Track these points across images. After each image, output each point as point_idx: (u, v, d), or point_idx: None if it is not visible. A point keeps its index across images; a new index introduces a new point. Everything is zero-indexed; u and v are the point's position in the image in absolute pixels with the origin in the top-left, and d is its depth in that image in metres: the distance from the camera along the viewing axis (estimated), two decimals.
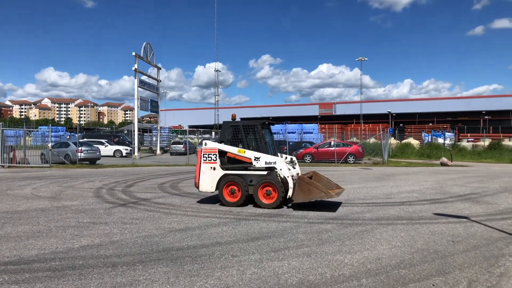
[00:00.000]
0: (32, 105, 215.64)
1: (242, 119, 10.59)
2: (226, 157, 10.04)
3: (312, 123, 44.19)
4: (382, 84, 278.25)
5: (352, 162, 26.40)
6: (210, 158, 9.96)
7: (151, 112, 40.24)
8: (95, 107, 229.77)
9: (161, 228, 7.60)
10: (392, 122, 61.74)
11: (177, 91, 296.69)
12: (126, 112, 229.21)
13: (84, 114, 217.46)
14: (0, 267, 5.22)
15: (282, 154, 10.50)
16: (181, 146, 36.97)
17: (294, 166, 10.47)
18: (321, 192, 9.02)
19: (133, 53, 32.74)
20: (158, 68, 39.11)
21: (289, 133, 37.30)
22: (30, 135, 34.41)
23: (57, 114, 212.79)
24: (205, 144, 10.13)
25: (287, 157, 10.51)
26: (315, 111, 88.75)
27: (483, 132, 47.95)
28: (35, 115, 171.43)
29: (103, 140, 34.73)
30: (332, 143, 28.24)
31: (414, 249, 6.14)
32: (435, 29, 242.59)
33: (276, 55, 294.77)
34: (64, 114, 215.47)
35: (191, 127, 78.71)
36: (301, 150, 27.84)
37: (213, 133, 63.30)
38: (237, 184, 9.75)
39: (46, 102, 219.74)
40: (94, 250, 6.05)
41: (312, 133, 38.99)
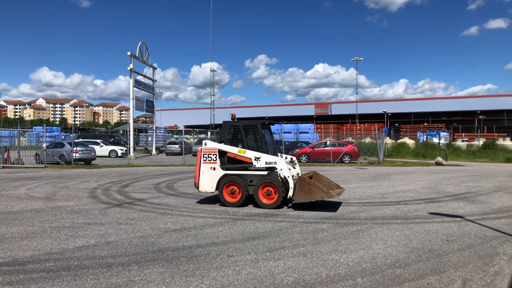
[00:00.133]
0: (27, 105, 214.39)
1: (238, 119, 10.55)
2: (226, 157, 10.00)
3: (308, 123, 44.33)
4: (378, 84, 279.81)
5: (348, 161, 26.47)
6: (210, 158, 9.90)
7: (146, 112, 40.16)
8: (90, 107, 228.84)
9: (157, 228, 7.58)
10: (388, 122, 62.01)
11: (173, 91, 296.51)
12: (122, 112, 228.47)
13: (79, 114, 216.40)
14: None
15: (282, 154, 10.49)
16: (176, 146, 36.88)
17: (294, 166, 10.46)
18: (321, 192, 9.02)
19: (129, 53, 32.60)
20: (154, 68, 39.02)
21: (285, 133, 37.36)
22: (25, 135, 34.21)
23: (52, 114, 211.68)
24: (205, 144, 10.07)
25: (287, 157, 10.50)
26: (311, 111, 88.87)
27: (478, 131, 48.21)
28: (30, 115, 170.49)
29: (98, 140, 34.55)
30: (328, 143, 28.29)
31: (409, 248, 6.17)
32: (430, 29, 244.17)
33: (272, 55, 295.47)
34: (59, 114, 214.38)
35: (186, 127, 78.55)
36: (297, 150, 27.87)
37: (209, 133, 63.18)
38: (237, 184, 9.71)
39: (41, 102, 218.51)
40: (89, 250, 6.03)
41: (308, 133, 39.07)
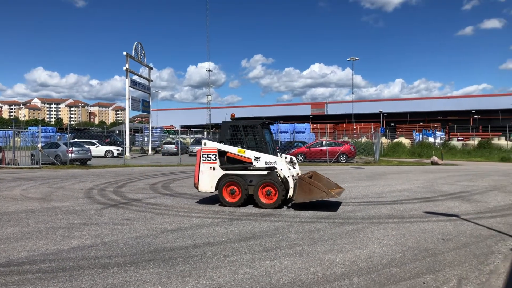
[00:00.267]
0: (22, 106, 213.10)
1: (236, 119, 10.51)
2: (225, 157, 9.96)
3: (304, 123, 44.35)
4: (374, 84, 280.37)
5: (344, 161, 26.53)
6: (209, 158, 9.86)
7: (142, 112, 40.03)
8: (86, 107, 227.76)
9: (153, 228, 7.56)
10: (384, 121, 62.17)
11: (169, 91, 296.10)
12: (117, 112, 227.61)
13: (75, 114, 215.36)
14: None
15: (281, 154, 10.49)
16: (173, 146, 36.80)
17: (294, 166, 10.44)
18: (322, 192, 9.01)
19: (124, 53, 32.49)
20: (150, 68, 38.91)
21: (281, 132, 37.41)
22: (20, 135, 34.04)
23: (47, 114, 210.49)
24: (205, 144, 10.02)
25: (286, 157, 10.48)
26: (307, 110, 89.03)
27: (473, 131, 48.56)
28: (25, 116, 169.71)
29: (94, 141, 34.44)
30: (324, 142, 28.34)
31: (405, 248, 6.19)
32: (425, 29, 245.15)
33: (268, 55, 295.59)
34: (55, 114, 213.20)
35: (183, 127, 78.37)
36: (293, 150, 27.88)
37: (205, 133, 63.11)
38: (237, 184, 9.68)
39: (36, 102, 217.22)
40: (85, 251, 6.00)
41: (304, 132, 39.13)
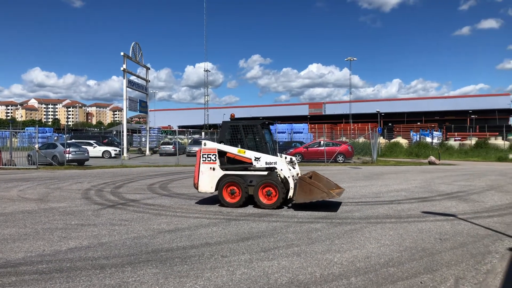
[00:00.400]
0: (19, 106, 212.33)
1: (235, 119, 10.49)
2: (225, 157, 9.94)
3: (302, 123, 44.43)
4: (371, 84, 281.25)
5: (342, 161, 26.56)
6: (209, 159, 9.83)
7: (140, 112, 39.97)
8: (83, 107, 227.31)
9: (151, 229, 7.54)
10: (381, 121, 62.34)
11: (166, 91, 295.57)
12: (115, 113, 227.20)
13: (72, 114, 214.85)
14: None
15: (281, 154, 10.48)
16: (170, 146, 36.74)
17: (294, 166, 10.43)
18: (322, 193, 9.01)
19: (122, 53, 32.40)
20: (147, 68, 38.84)
21: (279, 133, 37.41)
22: (17, 136, 33.91)
23: (44, 115, 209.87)
24: (205, 144, 10.00)
25: (286, 157, 10.48)
26: (305, 111, 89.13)
27: (470, 131, 48.69)
28: (22, 116, 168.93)
29: (91, 141, 34.35)
30: (322, 142, 28.36)
31: (402, 247, 6.20)
32: (423, 30, 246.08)
33: (266, 55, 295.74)
34: (52, 115, 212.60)
35: (180, 127, 78.29)
36: (291, 150, 27.89)
37: (203, 133, 63.05)
38: (237, 184, 9.66)
39: (33, 102, 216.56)
40: (82, 252, 5.99)
41: (302, 132, 39.14)
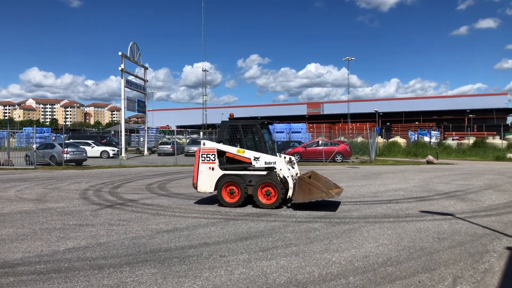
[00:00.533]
0: (16, 106, 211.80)
1: (234, 119, 10.47)
2: (225, 157, 9.93)
3: (300, 123, 44.47)
4: (369, 84, 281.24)
5: (340, 161, 26.58)
6: (208, 158, 9.81)
7: (138, 112, 39.87)
8: (81, 107, 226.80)
9: (149, 229, 7.54)
10: (379, 121, 62.37)
11: (164, 91, 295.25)
12: (113, 113, 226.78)
13: (70, 114, 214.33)
14: None
15: (281, 154, 10.49)
16: (168, 146, 36.71)
17: (293, 166, 10.42)
18: (321, 192, 9.01)
19: (120, 53, 32.34)
20: (145, 68, 38.80)
21: (277, 132, 37.43)
22: (14, 136, 33.80)
23: (42, 115, 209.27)
24: (204, 144, 9.98)
25: (285, 156, 10.47)
26: (303, 110, 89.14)
27: (468, 130, 48.78)
28: (19, 116, 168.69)
29: (89, 141, 34.30)
30: (320, 142, 28.38)
31: (400, 247, 6.21)
32: (421, 29, 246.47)
33: (264, 55, 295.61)
34: (50, 115, 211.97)
35: (179, 127, 78.27)
36: (289, 150, 27.89)
37: (201, 133, 63.04)
38: (237, 184, 9.64)
39: (31, 102, 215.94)
40: (80, 252, 5.98)
41: (300, 132, 39.17)
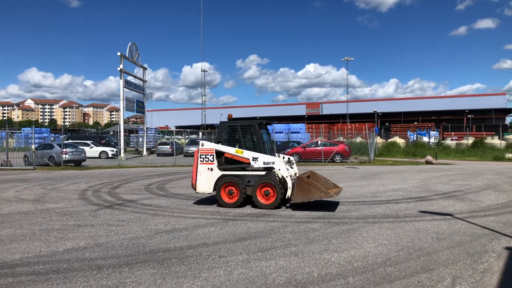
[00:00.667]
0: (15, 106, 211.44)
1: (232, 119, 10.47)
2: (223, 158, 9.91)
3: (299, 123, 44.43)
4: (368, 84, 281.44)
5: (339, 161, 26.59)
6: (207, 159, 9.80)
7: (137, 112, 39.86)
8: (80, 108, 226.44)
9: (148, 229, 7.53)
10: (378, 121, 62.45)
11: (163, 91, 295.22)
12: (112, 113, 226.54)
13: (69, 115, 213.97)
14: None
15: (279, 154, 10.49)
16: (167, 147, 36.69)
17: (292, 166, 10.42)
18: (320, 192, 9.00)
19: (118, 53, 32.35)
20: (144, 69, 38.78)
21: (276, 133, 37.41)
22: (13, 136, 33.76)
23: (41, 115, 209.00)
24: (202, 145, 9.97)
25: (284, 157, 10.47)
26: (302, 111, 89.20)
27: (467, 130, 48.89)
28: (18, 117, 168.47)
29: (88, 142, 34.29)
30: (319, 142, 28.40)
31: (399, 247, 6.21)
32: (419, 29, 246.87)
33: (264, 55, 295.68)
34: (48, 115, 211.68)
35: (178, 127, 78.26)
36: (288, 150, 27.90)
37: (200, 133, 63.00)
38: (235, 185, 9.63)
39: (29, 103, 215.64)
40: (79, 253, 5.97)
41: (299, 132, 39.16)
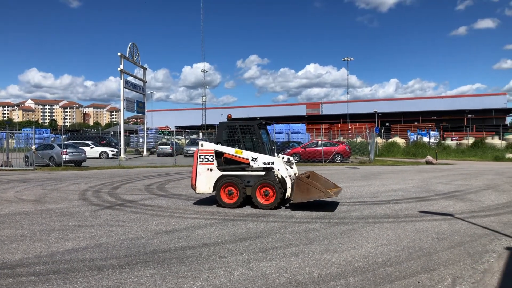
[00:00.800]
0: (15, 107, 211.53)
1: (232, 120, 10.46)
2: (223, 158, 9.91)
3: (300, 123, 44.49)
4: (369, 84, 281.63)
5: (339, 161, 26.59)
6: (206, 159, 9.80)
7: (137, 113, 39.87)
8: (80, 108, 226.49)
9: (148, 230, 7.53)
10: (378, 121, 62.44)
11: (164, 91, 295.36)
12: (112, 113, 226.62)
13: (69, 115, 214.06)
14: None
15: (279, 154, 10.48)
16: (168, 147, 36.70)
17: (292, 166, 10.41)
18: (320, 192, 8.99)
19: (119, 54, 32.36)
20: (144, 69, 38.79)
21: (276, 133, 37.41)
22: (13, 137, 33.76)
23: (41, 115, 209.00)
24: (202, 145, 9.97)
25: (284, 157, 10.46)
26: (302, 111, 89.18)
27: (467, 130, 48.83)
28: (18, 117, 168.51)
29: (88, 142, 34.31)
30: (319, 142, 28.39)
31: (400, 247, 6.21)
32: (420, 29, 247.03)
33: (264, 56, 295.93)
34: (49, 115, 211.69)
35: (178, 128, 78.24)
36: (288, 150, 27.91)
37: (200, 133, 62.99)
38: (235, 185, 9.63)
39: (30, 103, 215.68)
40: (80, 253, 5.97)
41: (299, 133, 39.18)
